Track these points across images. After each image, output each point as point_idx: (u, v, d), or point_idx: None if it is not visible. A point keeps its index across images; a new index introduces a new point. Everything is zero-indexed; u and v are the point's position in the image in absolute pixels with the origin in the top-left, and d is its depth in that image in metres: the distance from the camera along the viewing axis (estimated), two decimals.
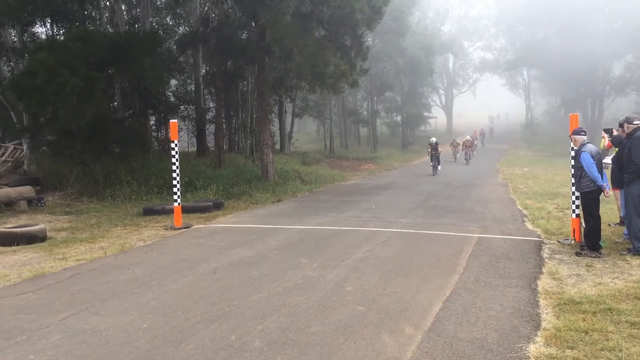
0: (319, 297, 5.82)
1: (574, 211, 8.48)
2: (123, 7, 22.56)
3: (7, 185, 15.39)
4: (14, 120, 18.98)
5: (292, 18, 18.62)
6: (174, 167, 11.09)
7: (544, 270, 6.93)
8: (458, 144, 35.08)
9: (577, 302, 5.51)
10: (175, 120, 11.81)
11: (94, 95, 15.61)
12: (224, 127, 25.36)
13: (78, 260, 8.09)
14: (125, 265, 7.62)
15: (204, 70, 26.36)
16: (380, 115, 49.85)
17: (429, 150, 25.15)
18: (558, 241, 8.66)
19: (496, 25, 65.34)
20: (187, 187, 15.98)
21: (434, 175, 23.82)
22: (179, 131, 12.16)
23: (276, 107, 31.25)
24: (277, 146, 30.83)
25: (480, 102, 79.02)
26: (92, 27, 20.17)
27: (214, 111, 25.59)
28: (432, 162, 24.75)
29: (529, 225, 10.36)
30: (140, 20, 21.58)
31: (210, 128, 26.79)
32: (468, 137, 35.85)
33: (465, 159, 32.12)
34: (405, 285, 6.21)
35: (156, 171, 17.10)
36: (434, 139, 25.89)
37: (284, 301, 5.72)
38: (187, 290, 6.24)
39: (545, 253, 7.91)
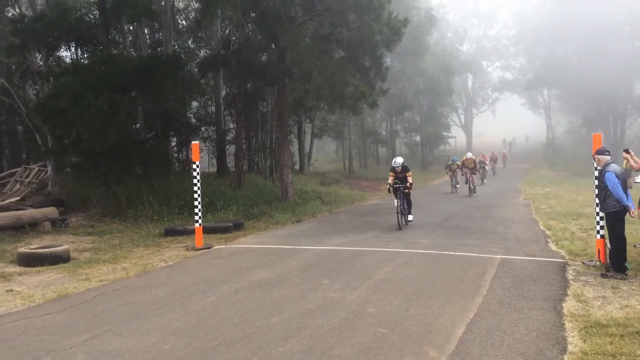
0: (341, 319, 5.79)
1: (598, 232, 8.36)
2: (146, 31, 22.99)
3: (32, 206, 15.65)
4: (39, 142, 19.36)
5: (311, 40, 18.81)
6: (195, 188, 11.19)
7: (569, 292, 6.83)
8: (457, 167, 24.89)
9: (604, 325, 5.41)
10: (197, 142, 11.95)
11: (117, 118, 15.87)
12: (243, 147, 25.54)
13: (101, 281, 8.16)
14: (148, 286, 7.67)
15: (224, 92, 26.64)
16: (399, 135, 49.80)
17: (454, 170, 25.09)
18: (583, 262, 8.53)
19: (515, 45, 65.15)
20: (207, 207, 16.08)
21: (453, 193, 24.10)
22: (199, 152, 12.28)
23: (295, 127, 31.41)
24: (297, 166, 30.92)
25: (500, 122, 78.60)
26: (115, 51, 20.56)
27: (234, 132, 25.80)
28: (453, 180, 24.72)
29: (553, 246, 10.22)
30: (163, 44, 21.96)
31: (231, 149, 26.99)
32: (469, 156, 24.31)
33: (470, 188, 22.61)
34: (427, 307, 6.15)
35: (177, 192, 17.25)
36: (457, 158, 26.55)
37: (306, 323, 5.70)
38: (209, 311, 6.25)
39: (570, 275, 7.79)
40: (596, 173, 8.15)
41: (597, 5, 46.01)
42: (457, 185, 24.33)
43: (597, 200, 8.17)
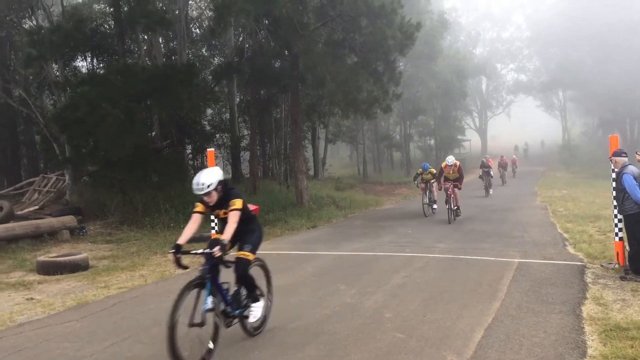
0: (358, 325, 5.80)
1: (617, 234, 8.28)
2: (160, 40, 23.22)
3: (50, 215, 15.85)
4: (57, 151, 19.62)
5: (324, 46, 18.87)
6: None
7: (588, 295, 6.76)
8: (432, 177, 17.06)
9: (624, 329, 5.35)
10: (212, 149, 12.03)
11: (133, 127, 16.07)
12: (258, 154, 25.66)
13: (120, 288, 8.24)
14: (166, 293, 7.72)
15: (238, 99, 26.79)
16: (413, 139, 49.71)
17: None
18: (601, 265, 8.45)
19: (529, 47, 64.80)
20: None
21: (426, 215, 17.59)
22: (214, 159, 12.34)
23: (309, 133, 31.48)
24: (311, 172, 30.97)
25: (516, 124, 78.06)
26: (131, 61, 20.80)
27: (249, 139, 25.94)
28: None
29: (571, 249, 10.13)
30: (177, 53, 22.16)
31: (245, 155, 27.12)
32: (449, 162, 15.79)
33: (451, 210, 15.01)
34: (445, 312, 6.14)
35: (193, 199, 17.24)
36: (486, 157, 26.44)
37: (323, 328, 5.71)
38: None
39: (589, 278, 7.72)
40: (613, 175, 8.08)
41: (611, 6, 45.64)
42: (434, 206, 17.35)
43: (615, 203, 8.10)
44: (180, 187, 18.79)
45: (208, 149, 12.01)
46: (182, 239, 5.17)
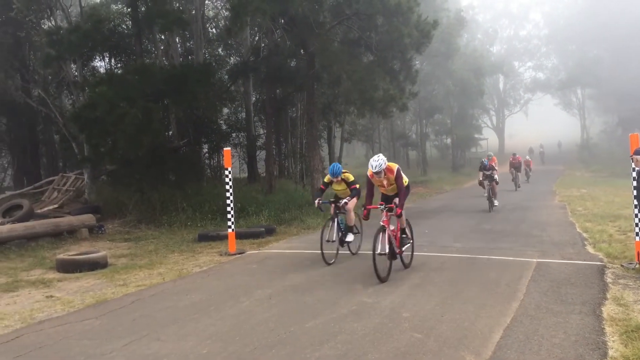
0: (375, 324, 5.78)
1: (637, 234, 8.17)
2: (177, 40, 23.36)
3: (69, 213, 16.02)
4: (76, 151, 19.82)
5: (340, 44, 18.85)
6: (227, 194, 11.29)
7: (608, 295, 6.68)
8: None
9: None
10: (229, 148, 12.08)
11: (151, 126, 16.17)
12: (274, 153, 25.70)
13: (138, 286, 8.31)
14: (183, 291, 7.77)
15: (254, 98, 26.86)
16: (429, 138, 49.43)
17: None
18: (622, 265, 8.34)
19: (547, 45, 64.19)
20: (239, 213, 16.20)
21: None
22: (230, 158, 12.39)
23: (325, 132, 31.46)
24: (327, 171, 30.92)
25: (533, 123, 77.31)
26: (148, 60, 20.95)
27: (264, 138, 25.99)
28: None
29: (590, 249, 10.01)
30: (194, 52, 22.28)
31: (261, 154, 27.19)
32: (372, 165, 8.36)
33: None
34: (463, 312, 6.09)
35: (210, 198, 17.44)
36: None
37: (340, 328, 5.70)
38: (244, 316, 6.31)
39: (609, 278, 7.62)
40: (634, 174, 7.97)
41: (631, 3, 45.01)
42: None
43: (635, 202, 7.98)
44: (196, 186, 18.90)
45: (224, 148, 12.08)
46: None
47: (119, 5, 23.72)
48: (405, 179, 8.61)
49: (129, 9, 20.58)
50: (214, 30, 28.15)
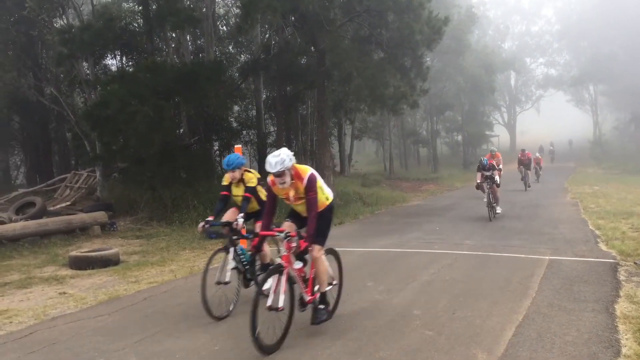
0: (387, 321, 5.77)
1: None
2: (188, 38, 23.41)
3: (82, 211, 16.14)
4: (88, 148, 19.94)
5: (351, 42, 18.81)
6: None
7: (621, 293, 6.63)
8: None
9: None
10: (240, 146, 12.08)
11: (162, 124, 16.23)
12: None
13: (150, 283, 8.35)
14: (195, 287, 7.76)
15: (264, 96, 26.89)
16: (440, 135, 49.22)
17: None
18: (635, 263, 8.27)
19: (559, 41, 63.66)
20: None
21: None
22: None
23: (335, 129, 31.44)
24: (337, 168, 30.94)
25: (545, 119, 76.76)
26: (159, 58, 21.02)
27: (275, 135, 26.03)
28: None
29: (603, 247, 9.93)
30: (205, 50, 22.32)
31: (272, 152, 27.23)
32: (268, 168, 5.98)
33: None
34: (475, 310, 6.07)
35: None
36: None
37: (351, 325, 5.70)
38: None
39: (622, 275, 7.56)
40: None
41: None
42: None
43: None
44: (207, 184, 18.95)
45: (235, 146, 12.08)
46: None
47: (131, 3, 23.83)
48: (327, 195, 5.90)
49: (140, 7, 20.66)
50: (224, 28, 28.18)
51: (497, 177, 15.06)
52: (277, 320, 5.04)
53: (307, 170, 5.55)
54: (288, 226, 5.68)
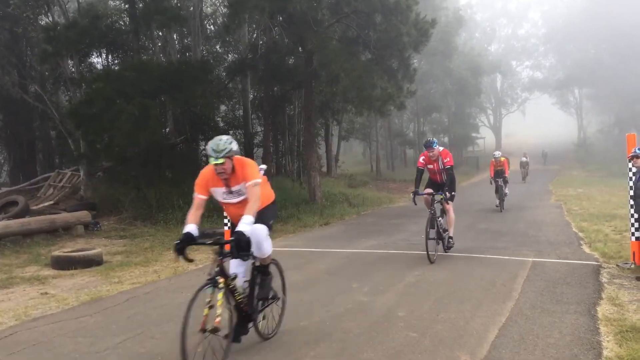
0: (371, 323, 5.77)
1: (633, 234, 8.17)
2: (175, 37, 23.31)
3: (65, 210, 15.98)
4: (72, 147, 19.77)
5: (338, 43, 18.83)
6: None
7: (603, 295, 6.68)
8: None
9: None
10: None
11: (148, 123, 16.14)
12: (271, 150, 25.70)
13: (133, 283, 8.28)
14: (179, 288, 7.75)
15: (252, 96, 26.84)
16: (427, 137, 49.51)
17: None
18: (617, 265, 8.35)
19: (545, 44, 64.38)
20: None
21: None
22: None
23: (323, 130, 31.47)
24: (324, 169, 30.97)
25: (530, 122, 77.42)
26: (145, 57, 20.90)
27: (262, 135, 25.98)
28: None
29: (586, 249, 10.03)
30: (192, 49, 22.25)
31: (258, 152, 27.17)
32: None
33: None
34: (458, 311, 6.09)
35: None
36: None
37: (336, 326, 5.68)
38: None
39: (604, 278, 7.63)
40: (630, 174, 7.98)
41: (630, 3, 45.09)
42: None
43: (631, 202, 7.99)
44: (193, 184, 18.84)
45: None
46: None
47: (117, 1, 23.69)
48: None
49: (126, 5, 20.54)
50: (212, 27, 28.13)
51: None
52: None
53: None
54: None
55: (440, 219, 9.18)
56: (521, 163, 32.69)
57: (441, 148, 9.56)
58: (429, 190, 9.46)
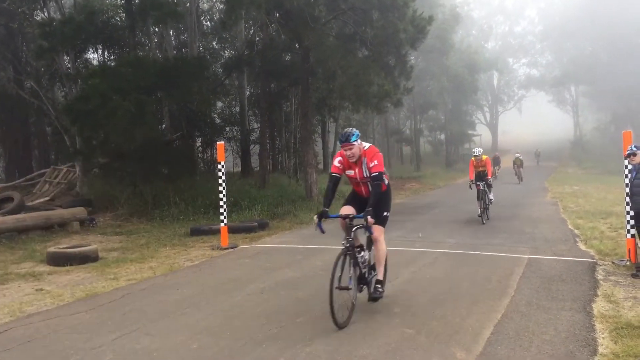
0: (367, 319, 5.77)
1: (629, 231, 8.19)
2: (171, 33, 23.24)
3: (61, 206, 15.94)
4: (68, 143, 19.72)
5: (335, 39, 18.80)
6: (220, 188, 11.25)
7: (598, 292, 6.69)
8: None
9: (636, 326, 5.29)
10: (222, 142, 12.03)
11: (144, 119, 16.10)
12: (268, 147, 25.67)
13: (129, 280, 8.26)
14: (175, 285, 7.74)
15: (248, 92, 26.81)
16: (423, 134, 49.56)
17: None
18: (612, 262, 8.37)
19: (542, 42, 64.44)
20: (232, 207, 16.15)
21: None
22: (224, 152, 12.34)
23: (319, 127, 31.45)
24: (321, 166, 30.96)
25: (527, 119, 77.54)
26: (142, 53, 20.84)
27: (258, 132, 25.95)
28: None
29: (582, 246, 10.04)
30: (188, 45, 22.20)
31: (255, 149, 27.15)
32: None
33: None
34: (454, 308, 6.09)
35: (202, 192, 17.39)
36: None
37: (331, 323, 5.67)
38: (235, 311, 6.28)
39: (600, 275, 7.64)
40: (626, 171, 7.99)
41: (627, 1, 45.17)
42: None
43: (627, 199, 8.01)
44: (189, 180, 18.83)
45: (218, 142, 12.02)
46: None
47: None
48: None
49: (122, 1, 20.46)
50: (208, 23, 28.08)
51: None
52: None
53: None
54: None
55: (364, 252, 6.29)
56: (515, 161, 32.68)
57: (366, 145, 6.19)
58: (347, 211, 6.51)
